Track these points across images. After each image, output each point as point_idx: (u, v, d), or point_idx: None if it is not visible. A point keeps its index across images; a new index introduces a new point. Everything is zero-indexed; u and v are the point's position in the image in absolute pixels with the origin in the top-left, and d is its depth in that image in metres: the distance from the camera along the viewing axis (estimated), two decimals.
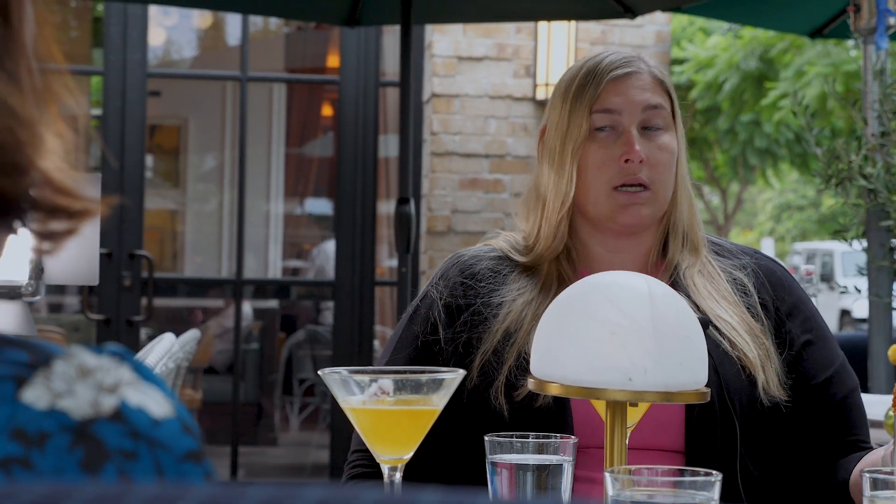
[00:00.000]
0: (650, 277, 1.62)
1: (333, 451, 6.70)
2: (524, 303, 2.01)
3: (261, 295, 9.04)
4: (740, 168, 17.22)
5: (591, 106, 2.02)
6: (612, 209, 2.01)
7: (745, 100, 14.62)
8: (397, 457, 1.45)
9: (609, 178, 2.00)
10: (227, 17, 10.12)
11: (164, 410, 0.69)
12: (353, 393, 1.43)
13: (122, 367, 0.70)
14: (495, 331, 1.99)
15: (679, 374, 1.52)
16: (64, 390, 0.67)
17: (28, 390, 0.67)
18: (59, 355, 0.69)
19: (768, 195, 30.45)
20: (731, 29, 14.84)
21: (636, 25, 6.53)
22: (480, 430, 1.87)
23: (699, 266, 2.05)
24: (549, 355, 1.57)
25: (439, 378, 1.41)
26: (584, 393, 1.53)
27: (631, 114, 2.02)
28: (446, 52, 6.46)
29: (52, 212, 0.74)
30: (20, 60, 0.73)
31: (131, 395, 0.68)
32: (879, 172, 4.31)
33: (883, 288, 4.47)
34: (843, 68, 13.30)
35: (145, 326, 6.96)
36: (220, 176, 11.11)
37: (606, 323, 1.52)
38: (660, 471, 1.40)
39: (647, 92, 2.03)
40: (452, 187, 6.44)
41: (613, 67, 2.03)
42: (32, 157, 0.72)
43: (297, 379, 9.00)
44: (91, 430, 0.66)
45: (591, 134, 2.02)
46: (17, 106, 0.71)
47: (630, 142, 2.00)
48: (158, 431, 0.68)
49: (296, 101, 10.64)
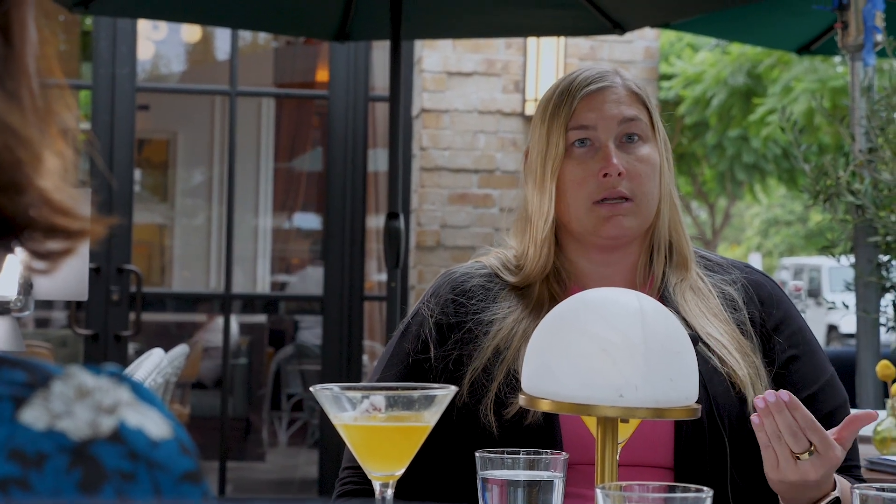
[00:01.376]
0: (641, 294, 1.62)
1: (322, 467, 6.69)
2: (514, 321, 2.01)
3: (249, 309, 9.02)
4: (728, 183, 17.25)
5: (566, 124, 2.02)
6: (594, 223, 2.01)
7: (732, 115, 14.65)
8: (389, 473, 1.45)
9: (589, 193, 2.01)
10: (215, 31, 10.12)
11: (163, 431, 0.69)
12: (345, 409, 1.43)
13: (120, 387, 0.70)
14: (485, 348, 1.99)
15: (670, 391, 1.53)
16: (62, 411, 0.67)
17: (26, 411, 0.67)
18: (58, 375, 0.69)
19: (756, 210, 30.51)
20: (719, 45, 14.88)
21: (625, 41, 6.55)
22: (470, 447, 1.87)
23: (689, 282, 2.06)
24: (540, 371, 1.58)
25: (431, 394, 1.42)
26: (575, 409, 1.53)
27: (606, 128, 2.02)
28: (436, 67, 6.47)
29: (49, 231, 0.74)
30: (21, 80, 0.73)
31: (130, 416, 0.68)
32: (867, 188, 4.32)
33: (871, 304, 4.48)
34: (829, 84, 13.33)
35: (133, 341, 6.95)
36: (209, 190, 11.11)
37: (598, 339, 1.53)
38: (651, 487, 1.40)
39: (622, 105, 2.03)
40: (441, 202, 6.45)
41: (586, 84, 2.04)
42: (31, 176, 0.72)
43: (285, 394, 8.98)
44: (90, 451, 0.66)
45: (568, 151, 2.03)
46: (17, 125, 0.71)
47: (607, 156, 2.00)
48: (157, 452, 0.68)
49: (285, 116, 10.64)
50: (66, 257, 0.75)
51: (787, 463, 1.71)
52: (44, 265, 0.75)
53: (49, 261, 0.75)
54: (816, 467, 1.71)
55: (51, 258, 0.75)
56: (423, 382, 1.97)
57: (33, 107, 0.74)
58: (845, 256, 4.54)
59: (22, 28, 0.74)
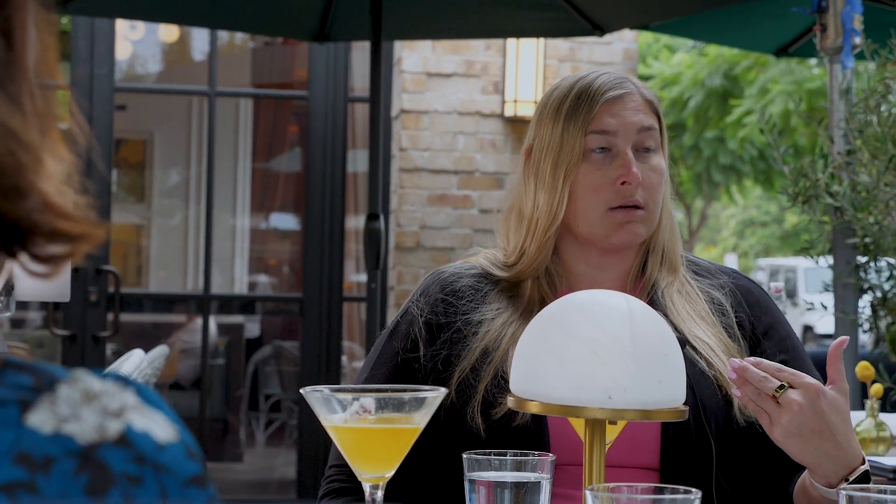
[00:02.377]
0: (629, 296, 1.63)
1: (300, 468, 6.69)
2: (503, 322, 2.02)
3: (226, 310, 9.00)
4: (704, 184, 17.32)
5: (585, 127, 2.01)
6: (607, 229, 2.01)
7: (709, 117, 14.71)
8: (379, 475, 1.45)
9: (605, 199, 2.01)
10: (192, 31, 10.09)
11: (169, 435, 0.69)
12: (335, 411, 1.43)
13: (126, 391, 0.70)
14: (474, 348, 1.99)
15: (658, 393, 1.53)
16: (69, 415, 0.67)
17: (33, 414, 0.67)
18: (64, 379, 0.70)
19: (732, 211, 30.60)
20: (696, 46, 14.93)
21: (604, 43, 6.56)
22: (457, 447, 1.87)
23: (677, 285, 2.07)
24: (529, 373, 1.58)
25: (421, 396, 1.42)
26: (563, 411, 1.54)
27: (626, 135, 2.02)
28: (415, 68, 6.47)
29: (52, 236, 0.74)
30: (22, 84, 0.73)
31: (136, 420, 0.69)
32: (845, 190, 4.34)
33: (849, 305, 4.50)
34: (805, 86, 13.40)
35: (111, 342, 6.93)
36: (186, 190, 11.08)
37: (587, 341, 1.53)
38: (639, 488, 1.40)
39: (641, 113, 2.03)
40: (421, 203, 6.45)
41: (607, 88, 2.03)
42: (34, 181, 0.72)
43: (263, 394, 8.97)
44: (97, 455, 0.66)
45: (584, 155, 2.03)
46: (19, 129, 0.71)
47: (627, 164, 2.00)
48: (163, 456, 0.68)
49: (262, 116, 10.62)
50: (67, 261, 0.75)
51: (774, 410, 1.71)
52: (45, 269, 0.75)
53: (50, 265, 0.75)
54: (799, 396, 1.71)
55: (53, 262, 0.75)
56: (412, 382, 1.98)
57: (34, 111, 0.74)
58: (823, 258, 4.57)
59: (23, 32, 0.74)
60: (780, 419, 1.71)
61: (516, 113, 6.46)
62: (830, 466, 1.75)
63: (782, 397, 1.70)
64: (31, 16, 0.75)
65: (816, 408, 1.70)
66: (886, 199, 4.31)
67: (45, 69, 0.76)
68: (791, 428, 1.70)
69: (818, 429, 1.71)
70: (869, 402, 3.22)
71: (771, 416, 1.71)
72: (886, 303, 4.46)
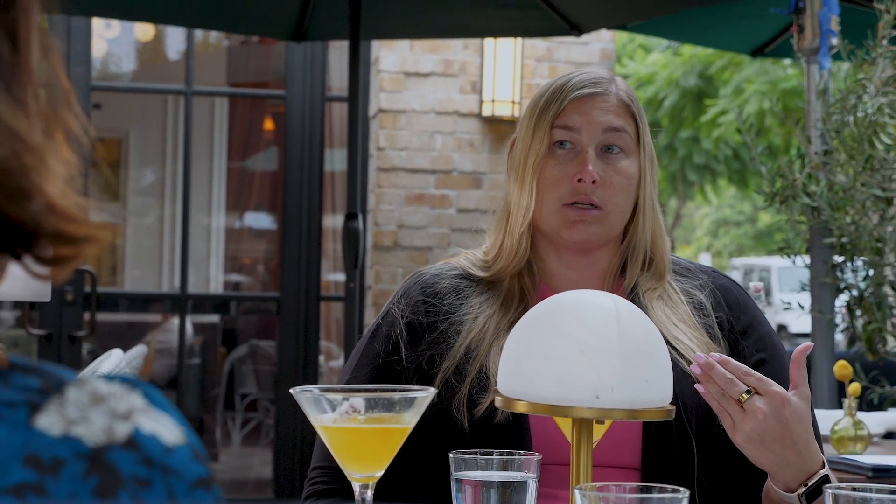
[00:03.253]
0: (616, 296, 1.64)
1: (277, 467, 6.68)
2: (485, 318, 2.02)
3: (200, 309, 8.98)
4: (679, 184, 17.36)
5: (552, 121, 2.04)
6: (559, 225, 2.03)
7: (684, 116, 14.75)
8: (369, 475, 1.45)
9: (561, 194, 2.02)
10: (167, 30, 10.06)
11: (176, 437, 0.70)
12: (325, 411, 1.43)
13: (133, 393, 0.71)
14: (457, 347, 2.00)
15: (645, 392, 1.54)
16: (78, 417, 0.68)
17: (42, 417, 0.67)
18: (72, 382, 0.70)
19: (706, 211, 30.68)
20: (671, 46, 14.97)
21: (581, 43, 6.57)
22: (441, 446, 1.88)
23: (661, 291, 2.07)
24: (516, 373, 1.59)
25: (411, 396, 1.42)
26: (551, 410, 1.54)
27: (590, 133, 2.03)
28: (393, 67, 6.47)
29: (56, 238, 0.74)
30: (28, 86, 0.73)
31: (144, 423, 0.69)
32: (822, 190, 4.36)
33: (825, 304, 4.52)
34: (780, 86, 13.45)
35: (87, 341, 6.90)
36: (161, 189, 11.05)
37: (574, 341, 1.54)
38: (628, 487, 1.41)
39: (611, 114, 2.04)
40: (398, 202, 6.45)
41: (580, 86, 2.05)
42: (39, 183, 0.72)
43: (239, 394, 8.95)
44: (105, 458, 0.67)
45: (550, 149, 2.04)
46: (24, 131, 0.71)
47: (584, 161, 2.01)
48: (171, 458, 0.68)
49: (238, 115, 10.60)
50: (72, 264, 0.75)
51: (738, 414, 1.72)
52: (49, 272, 0.75)
53: (55, 267, 0.75)
54: (764, 405, 1.72)
55: (58, 264, 0.75)
56: (395, 384, 1.98)
57: (39, 112, 0.74)
58: (800, 257, 4.59)
59: (28, 34, 0.74)
60: (743, 425, 1.72)
61: (494, 112, 6.47)
62: (790, 472, 1.77)
63: (747, 403, 1.71)
64: (35, 18, 0.75)
65: (781, 416, 1.71)
66: (863, 199, 4.33)
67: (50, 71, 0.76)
68: (753, 435, 1.72)
69: (780, 437, 1.72)
70: (847, 400, 3.24)
71: (734, 420, 1.72)
72: (862, 302, 4.48)
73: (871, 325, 4.44)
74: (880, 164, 4.28)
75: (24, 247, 0.73)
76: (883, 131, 4.25)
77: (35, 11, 0.75)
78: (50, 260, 0.75)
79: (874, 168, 4.28)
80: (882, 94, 4.30)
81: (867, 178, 4.29)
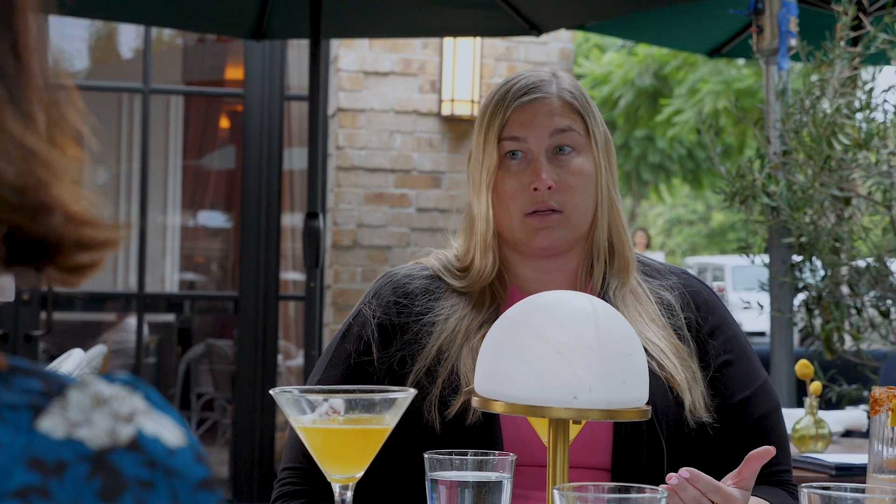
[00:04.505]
0: (592, 297, 1.64)
1: (234, 467, 6.65)
2: (456, 320, 2.02)
3: (155, 308, 8.94)
4: (634, 183, 17.43)
5: (499, 134, 2.04)
6: (525, 234, 2.03)
7: (639, 116, 14.82)
8: (349, 475, 1.45)
9: (521, 205, 2.02)
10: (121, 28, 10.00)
11: (178, 439, 0.69)
12: (305, 412, 1.43)
13: (134, 395, 0.70)
14: (429, 348, 2.00)
15: (622, 393, 1.54)
16: (81, 419, 0.67)
17: (45, 419, 0.67)
18: (73, 384, 0.69)
19: (659, 210, 30.83)
20: (626, 46, 15.03)
21: (540, 42, 6.59)
22: (412, 447, 1.88)
23: (629, 287, 2.08)
24: (494, 373, 1.58)
25: (392, 397, 1.42)
26: (528, 411, 1.54)
27: (537, 140, 2.03)
28: (352, 66, 6.46)
29: (79, 246, 0.73)
30: (33, 95, 0.72)
31: (147, 425, 0.68)
32: (782, 190, 4.39)
33: (784, 304, 4.55)
34: (734, 86, 13.53)
35: (43, 341, 6.85)
36: (116, 188, 10.98)
37: (552, 342, 1.54)
38: (607, 488, 1.41)
39: (555, 116, 2.04)
40: (358, 202, 6.44)
41: (520, 94, 2.05)
42: (56, 195, 0.71)
43: (195, 393, 8.91)
44: (109, 460, 0.66)
45: (502, 162, 2.04)
46: (35, 146, 0.71)
47: (537, 170, 2.01)
48: (174, 460, 0.68)
49: (193, 113, 10.54)
50: (93, 270, 0.75)
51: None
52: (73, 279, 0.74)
53: (78, 274, 0.74)
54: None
55: (79, 272, 0.74)
56: (365, 383, 1.98)
57: (47, 119, 0.73)
58: (758, 256, 4.62)
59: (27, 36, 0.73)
60: None
61: (453, 112, 6.47)
62: None
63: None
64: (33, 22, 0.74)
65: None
66: (822, 199, 4.36)
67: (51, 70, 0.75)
68: None
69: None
70: (808, 399, 3.26)
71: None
72: (821, 302, 4.51)
73: (829, 324, 4.48)
74: (838, 164, 4.31)
75: (46, 259, 0.73)
76: (841, 132, 4.29)
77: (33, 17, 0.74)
78: (73, 268, 0.74)
79: (832, 168, 4.32)
80: (840, 95, 4.33)
81: (825, 179, 4.32)
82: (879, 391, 1.75)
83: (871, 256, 4.50)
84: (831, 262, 4.45)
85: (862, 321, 4.52)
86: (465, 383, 1.94)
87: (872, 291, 4.51)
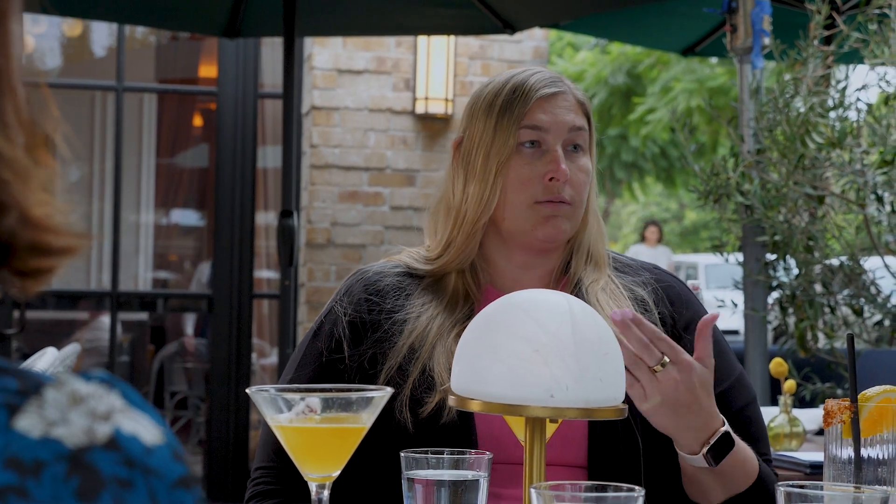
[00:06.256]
0: (570, 295, 1.64)
1: (208, 465, 6.63)
2: (429, 318, 2.02)
3: (128, 307, 8.91)
4: (607, 181, 17.46)
5: (519, 121, 2.03)
6: (532, 222, 2.02)
7: (612, 114, 14.84)
8: (326, 474, 1.44)
9: (533, 193, 2.02)
10: (94, 26, 9.95)
11: (155, 437, 0.69)
12: (281, 410, 1.42)
13: (111, 393, 0.69)
14: (400, 346, 1.99)
15: (599, 391, 1.54)
16: (58, 418, 0.66)
17: (21, 418, 0.66)
18: (49, 383, 0.68)
19: (632, 208, 30.90)
20: (599, 44, 15.05)
21: (514, 41, 6.59)
22: (384, 446, 1.87)
23: (602, 283, 2.08)
24: (470, 372, 1.58)
25: (368, 396, 1.41)
26: (505, 409, 1.54)
27: (557, 133, 2.04)
28: (326, 64, 6.45)
29: (32, 250, 0.72)
30: (7, 98, 0.72)
31: (124, 423, 0.68)
32: (755, 189, 4.40)
33: (758, 302, 4.57)
34: (707, 84, 13.57)
35: (15, 339, 6.82)
36: (89, 186, 10.93)
37: (528, 340, 1.53)
38: (583, 486, 1.41)
39: (573, 113, 2.05)
40: (332, 200, 6.43)
41: (542, 85, 2.05)
42: (15, 196, 0.71)
43: (168, 392, 8.88)
44: (86, 459, 0.65)
45: (516, 149, 2.04)
46: (4, 148, 0.70)
47: (557, 161, 2.02)
48: (151, 459, 0.67)
49: (166, 112, 10.51)
50: (49, 276, 0.74)
51: (651, 384, 1.74)
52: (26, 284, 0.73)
53: (33, 279, 0.73)
54: (677, 373, 1.74)
55: (35, 277, 0.73)
56: (338, 382, 1.97)
57: (19, 122, 0.72)
58: (731, 255, 4.63)
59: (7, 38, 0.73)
60: (654, 393, 1.74)
61: (427, 110, 6.47)
62: (692, 435, 1.81)
63: (662, 373, 1.73)
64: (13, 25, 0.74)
65: (689, 384, 1.75)
66: (795, 197, 4.38)
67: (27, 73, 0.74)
68: (667, 402, 1.75)
69: (688, 403, 1.76)
70: (782, 398, 3.27)
71: (646, 389, 1.74)
72: (794, 300, 4.53)
73: (802, 322, 4.49)
74: (812, 162, 4.33)
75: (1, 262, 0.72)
76: (814, 130, 4.30)
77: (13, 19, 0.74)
78: (28, 272, 0.73)
79: (806, 167, 4.33)
80: (813, 94, 4.35)
81: (799, 177, 4.34)
82: (832, 403, 1.76)
83: (845, 255, 4.52)
84: (805, 260, 4.47)
85: (835, 319, 4.54)
86: (440, 382, 1.94)
87: (846, 290, 4.52)
